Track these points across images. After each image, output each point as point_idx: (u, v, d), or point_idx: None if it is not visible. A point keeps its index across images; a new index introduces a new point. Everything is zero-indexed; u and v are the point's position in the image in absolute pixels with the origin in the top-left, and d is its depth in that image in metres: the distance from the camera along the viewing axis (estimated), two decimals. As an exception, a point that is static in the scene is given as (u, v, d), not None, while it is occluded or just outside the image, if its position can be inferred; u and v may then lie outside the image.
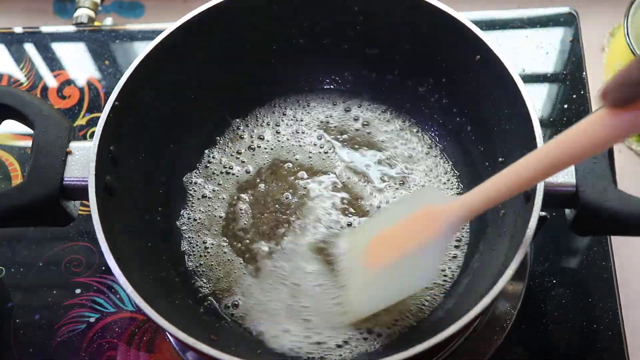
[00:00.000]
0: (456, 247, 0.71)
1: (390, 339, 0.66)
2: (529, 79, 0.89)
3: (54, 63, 0.97)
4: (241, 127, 0.80)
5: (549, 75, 0.89)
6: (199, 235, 0.73)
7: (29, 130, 0.66)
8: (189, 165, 0.78)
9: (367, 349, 0.66)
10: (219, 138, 0.80)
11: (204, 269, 0.71)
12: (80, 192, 0.63)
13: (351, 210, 0.73)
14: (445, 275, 0.69)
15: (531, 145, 0.60)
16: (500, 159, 0.68)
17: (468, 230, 0.71)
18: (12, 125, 0.70)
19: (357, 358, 0.65)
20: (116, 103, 0.64)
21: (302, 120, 0.80)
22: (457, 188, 0.75)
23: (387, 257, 0.59)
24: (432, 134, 0.78)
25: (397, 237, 0.59)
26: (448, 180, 0.75)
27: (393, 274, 0.58)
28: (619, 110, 0.43)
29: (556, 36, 0.91)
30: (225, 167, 0.77)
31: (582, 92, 0.86)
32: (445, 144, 0.78)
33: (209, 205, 0.75)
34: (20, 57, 0.98)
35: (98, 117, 0.64)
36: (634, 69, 0.41)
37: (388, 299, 0.61)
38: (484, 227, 0.70)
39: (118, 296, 0.78)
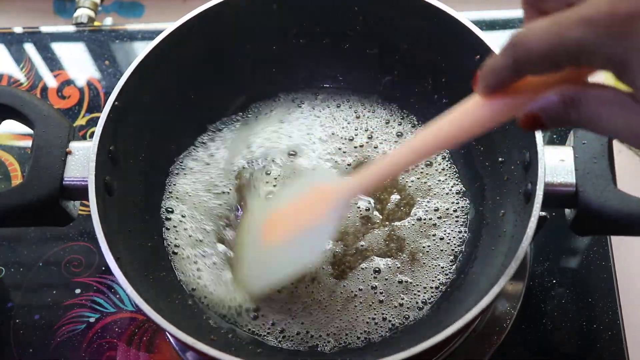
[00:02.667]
0: (456, 247, 0.71)
1: (390, 339, 0.66)
2: (529, 79, 0.89)
3: (53, 63, 0.97)
4: (241, 127, 0.80)
5: (549, 75, 0.89)
6: (199, 235, 0.73)
7: (29, 130, 0.66)
8: (189, 164, 0.77)
9: (367, 348, 0.66)
10: (218, 138, 0.79)
11: (204, 267, 0.71)
12: (80, 192, 0.63)
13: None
14: (445, 275, 0.69)
15: (531, 145, 0.60)
16: (500, 159, 0.68)
17: (468, 230, 0.71)
18: (12, 125, 0.70)
19: (358, 358, 0.65)
20: (116, 103, 0.64)
21: (301, 120, 0.80)
22: (457, 187, 0.75)
23: (281, 235, 0.61)
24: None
25: (290, 215, 0.61)
26: (447, 178, 0.75)
27: (286, 251, 0.61)
28: (491, 97, 0.45)
29: (556, 36, 0.91)
30: (225, 167, 0.77)
31: (582, 92, 0.86)
32: (445, 144, 0.78)
33: (209, 205, 0.75)
34: (20, 57, 0.98)
35: (98, 117, 0.64)
36: (500, 57, 0.43)
37: (281, 276, 0.63)
38: (483, 227, 0.70)
39: (118, 296, 0.78)
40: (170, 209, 0.73)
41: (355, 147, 0.77)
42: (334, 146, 0.77)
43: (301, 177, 0.63)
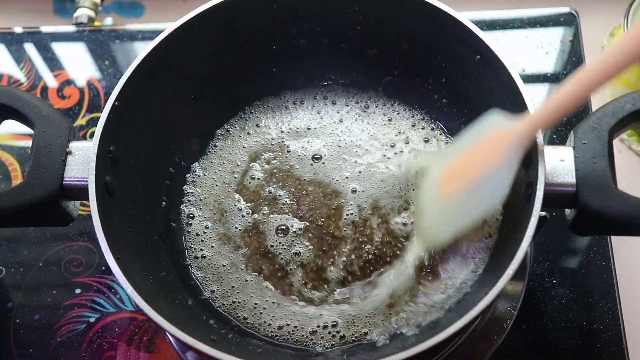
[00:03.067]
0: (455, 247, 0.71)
1: (390, 339, 0.66)
2: (529, 79, 0.89)
3: (54, 63, 0.97)
4: (240, 126, 0.80)
5: (549, 75, 0.89)
6: (198, 235, 0.73)
7: (29, 130, 0.66)
8: (189, 164, 0.77)
9: (368, 349, 0.66)
10: (218, 137, 0.79)
11: (204, 269, 0.71)
12: (80, 192, 0.63)
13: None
14: (445, 275, 0.69)
15: (531, 145, 0.59)
16: (500, 159, 0.68)
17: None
18: (12, 125, 0.70)
19: (358, 358, 0.65)
20: (116, 103, 0.64)
21: (301, 120, 0.80)
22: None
23: (460, 185, 0.62)
24: (432, 133, 0.78)
25: (468, 164, 0.62)
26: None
27: (466, 199, 0.61)
28: None
29: (556, 36, 0.91)
30: (225, 166, 0.77)
31: (582, 92, 0.86)
32: (445, 144, 0.78)
33: (209, 205, 0.75)
34: (20, 57, 0.98)
35: (98, 117, 0.64)
36: None
37: (464, 224, 0.63)
38: (483, 227, 0.70)
39: (118, 296, 0.78)
40: (170, 209, 0.74)
41: (349, 146, 0.77)
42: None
43: (474, 127, 0.62)
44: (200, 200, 0.75)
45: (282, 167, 0.76)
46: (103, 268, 0.80)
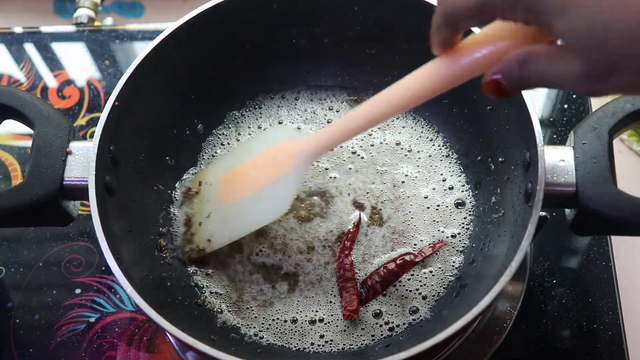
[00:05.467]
0: (456, 247, 0.71)
1: (390, 339, 0.66)
2: (529, 79, 0.89)
3: (53, 63, 0.97)
4: (240, 126, 0.80)
5: (549, 75, 0.89)
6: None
7: (29, 130, 0.66)
8: (189, 164, 0.77)
9: (368, 348, 0.66)
10: (218, 137, 0.79)
11: (204, 268, 0.71)
12: (80, 192, 0.63)
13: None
14: (444, 275, 0.69)
15: (531, 145, 0.60)
16: (500, 159, 0.68)
17: (468, 231, 0.71)
18: (12, 125, 0.70)
19: (358, 358, 0.65)
20: (116, 103, 0.64)
21: (301, 120, 0.80)
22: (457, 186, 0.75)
23: (243, 190, 0.63)
24: (432, 134, 0.78)
25: (252, 171, 0.63)
26: (448, 178, 0.75)
27: (249, 206, 0.63)
28: (446, 54, 0.49)
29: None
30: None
31: (582, 92, 0.86)
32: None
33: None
34: (20, 57, 0.98)
35: (98, 117, 0.64)
36: (435, 16, 0.47)
37: (243, 230, 0.65)
38: (484, 227, 0.70)
39: (118, 296, 0.78)
40: (170, 209, 0.74)
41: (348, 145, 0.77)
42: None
43: (260, 136, 0.63)
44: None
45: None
46: (103, 268, 0.80)
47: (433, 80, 0.50)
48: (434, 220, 0.72)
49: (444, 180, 0.75)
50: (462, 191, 0.74)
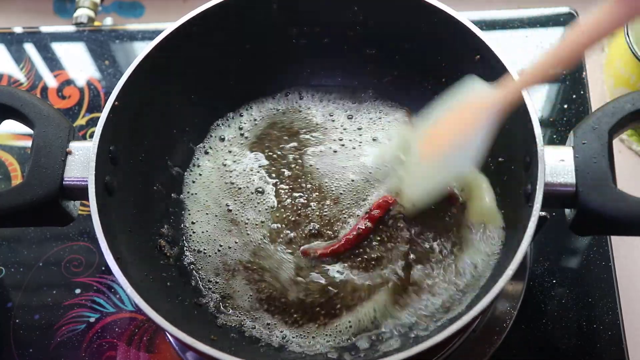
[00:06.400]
0: (456, 247, 0.71)
1: (390, 339, 0.66)
2: (529, 79, 0.89)
3: (53, 63, 0.97)
4: (240, 127, 0.80)
5: (549, 75, 0.89)
6: (198, 235, 0.73)
7: (29, 130, 0.66)
8: (189, 164, 0.77)
9: (368, 348, 0.66)
10: (218, 136, 0.79)
11: (204, 268, 0.71)
12: (80, 192, 0.63)
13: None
14: (444, 276, 0.69)
15: (531, 145, 0.60)
16: (500, 159, 0.68)
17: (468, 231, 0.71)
18: (12, 125, 0.70)
19: (358, 357, 0.65)
20: (116, 103, 0.64)
21: (301, 120, 0.80)
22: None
23: (438, 147, 0.64)
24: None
25: (447, 128, 0.64)
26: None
27: (444, 160, 0.64)
28: None
29: (556, 36, 0.91)
30: (225, 166, 0.77)
31: (582, 92, 0.86)
32: (445, 144, 0.78)
33: (208, 204, 0.75)
34: (20, 57, 0.98)
35: (98, 117, 0.64)
36: None
37: (440, 183, 0.66)
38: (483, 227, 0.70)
39: (118, 296, 0.78)
40: (169, 209, 0.74)
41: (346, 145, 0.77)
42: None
43: (451, 95, 0.64)
44: (200, 199, 0.75)
45: (280, 163, 0.76)
46: (103, 268, 0.80)
47: (615, 17, 0.52)
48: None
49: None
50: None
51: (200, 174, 0.77)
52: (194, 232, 0.73)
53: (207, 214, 0.74)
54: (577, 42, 0.54)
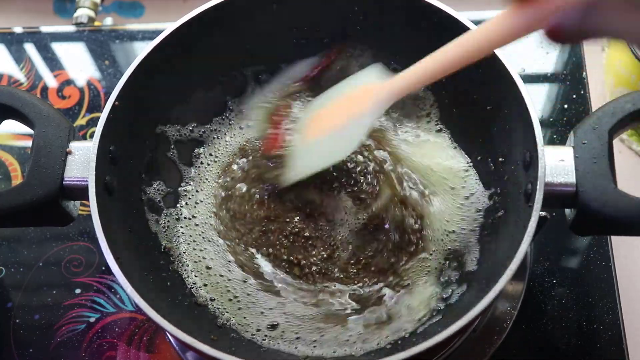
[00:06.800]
0: (456, 247, 0.71)
1: (390, 339, 0.66)
2: (529, 79, 0.89)
3: (53, 63, 0.97)
4: (240, 126, 0.80)
5: (549, 75, 0.89)
6: (198, 235, 0.73)
7: (29, 130, 0.66)
8: (189, 164, 0.77)
9: (368, 348, 0.66)
10: (218, 137, 0.79)
11: (204, 269, 0.71)
12: (80, 192, 0.63)
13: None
14: (445, 275, 0.69)
15: (531, 145, 0.60)
16: (500, 159, 0.68)
17: (469, 230, 0.71)
18: (12, 125, 0.70)
19: (359, 358, 0.65)
20: (116, 103, 0.64)
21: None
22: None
23: (322, 129, 0.66)
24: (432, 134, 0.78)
25: (334, 112, 0.66)
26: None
27: (324, 143, 0.65)
28: (519, 7, 0.48)
29: (556, 36, 0.91)
30: (225, 166, 0.77)
31: (582, 92, 0.86)
32: (445, 144, 0.78)
33: (208, 204, 0.75)
34: (20, 57, 0.98)
35: (98, 117, 0.64)
36: None
37: (315, 166, 0.67)
38: (484, 227, 0.70)
39: (118, 296, 0.78)
40: (170, 209, 0.74)
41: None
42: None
43: (348, 79, 0.67)
44: (200, 199, 0.75)
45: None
46: (103, 268, 0.80)
47: (506, 30, 0.50)
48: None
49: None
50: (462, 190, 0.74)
51: (200, 174, 0.77)
52: (197, 231, 0.73)
53: (205, 212, 0.74)
54: (466, 49, 0.54)
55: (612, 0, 0.42)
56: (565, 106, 0.86)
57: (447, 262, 0.70)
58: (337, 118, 0.65)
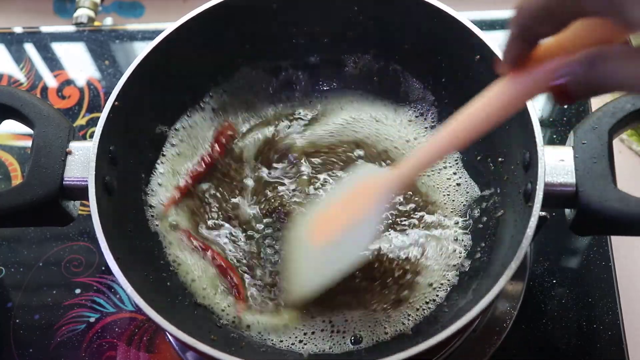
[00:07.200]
0: (456, 247, 0.71)
1: (390, 339, 0.66)
2: (529, 79, 0.89)
3: (53, 63, 0.97)
4: (240, 126, 0.80)
5: (549, 75, 0.89)
6: (198, 235, 0.73)
7: (29, 130, 0.66)
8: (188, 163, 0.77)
9: (369, 347, 0.66)
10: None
11: (204, 268, 0.71)
12: (80, 192, 0.63)
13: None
14: (445, 276, 0.69)
15: (531, 145, 0.60)
16: (500, 159, 0.68)
17: (469, 230, 0.71)
18: (12, 125, 0.70)
19: (357, 358, 0.65)
20: (116, 103, 0.64)
21: (301, 120, 0.80)
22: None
23: (328, 233, 0.61)
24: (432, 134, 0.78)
25: (337, 213, 0.62)
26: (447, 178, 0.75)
27: (335, 248, 0.60)
28: (516, 73, 0.46)
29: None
30: (225, 165, 0.77)
31: (582, 92, 0.86)
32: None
33: (208, 204, 0.75)
34: (20, 57, 0.98)
35: (98, 117, 0.64)
36: (509, 30, 0.44)
37: (334, 272, 0.61)
38: (483, 227, 0.70)
39: (118, 296, 0.78)
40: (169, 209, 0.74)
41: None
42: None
43: (343, 177, 0.63)
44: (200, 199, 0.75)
45: (283, 169, 0.76)
46: (103, 268, 0.80)
47: (506, 100, 0.48)
48: (434, 220, 0.72)
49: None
50: (460, 190, 0.74)
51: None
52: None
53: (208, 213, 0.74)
54: (470, 124, 0.50)
55: (610, 51, 0.40)
56: (565, 106, 0.86)
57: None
58: (341, 220, 0.60)
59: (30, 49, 0.98)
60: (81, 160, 0.64)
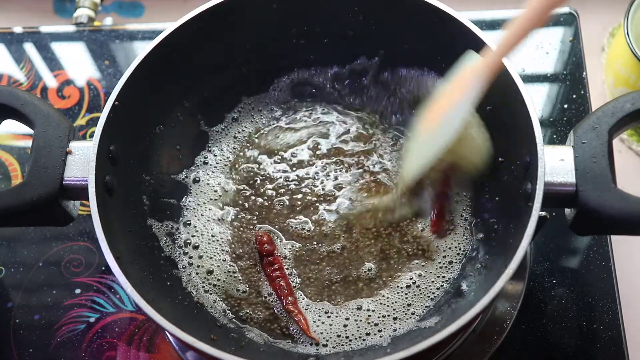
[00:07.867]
0: (456, 247, 0.71)
1: (390, 339, 0.66)
2: (529, 79, 0.89)
3: (53, 63, 0.97)
4: (240, 125, 0.80)
5: (549, 75, 0.89)
6: (198, 234, 0.73)
7: (29, 130, 0.66)
8: (189, 164, 0.77)
9: (370, 347, 0.66)
10: (218, 137, 0.79)
11: (204, 268, 0.71)
12: (80, 191, 0.63)
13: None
14: (445, 276, 0.69)
15: (531, 145, 0.60)
16: (500, 159, 0.68)
17: (468, 231, 0.71)
18: (12, 125, 0.70)
19: (357, 358, 0.65)
20: (116, 103, 0.65)
21: (301, 120, 0.80)
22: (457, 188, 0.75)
23: (433, 121, 0.66)
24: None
25: (442, 102, 0.66)
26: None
27: (436, 132, 0.65)
28: None
29: (556, 36, 0.91)
30: (226, 166, 0.77)
31: (582, 92, 0.86)
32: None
33: (208, 204, 0.75)
34: (20, 57, 0.98)
35: (98, 117, 0.64)
36: None
37: (433, 154, 0.65)
38: (484, 227, 0.70)
39: (118, 296, 0.78)
40: (170, 208, 0.74)
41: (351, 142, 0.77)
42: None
43: (451, 74, 0.67)
44: (200, 200, 0.75)
45: (282, 166, 0.76)
46: (103, 268, 0.80)
47: None
48: (434, 220, 0.72)
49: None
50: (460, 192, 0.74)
51: (200, 174, 0.77)
52: (196, 231, 0.73)
53: (205, 213, 0.74)
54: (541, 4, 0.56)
55: None
56: (565, 106, 0.86)
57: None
58: (443, 108, 0.65)
59: (30, 48, 0.98)
60: (81, 160, 0.64)
